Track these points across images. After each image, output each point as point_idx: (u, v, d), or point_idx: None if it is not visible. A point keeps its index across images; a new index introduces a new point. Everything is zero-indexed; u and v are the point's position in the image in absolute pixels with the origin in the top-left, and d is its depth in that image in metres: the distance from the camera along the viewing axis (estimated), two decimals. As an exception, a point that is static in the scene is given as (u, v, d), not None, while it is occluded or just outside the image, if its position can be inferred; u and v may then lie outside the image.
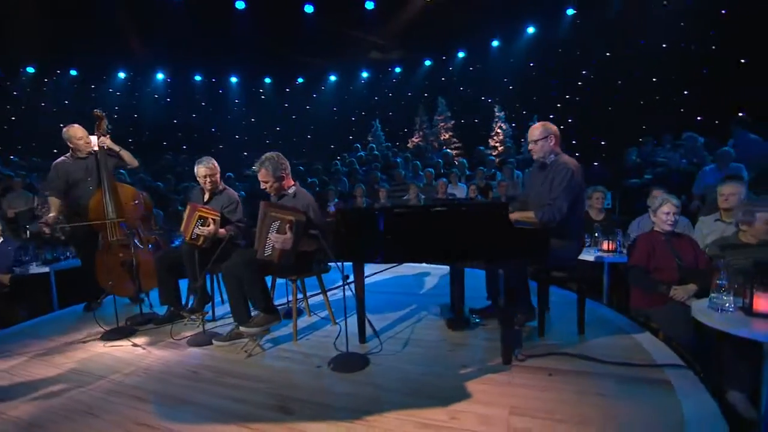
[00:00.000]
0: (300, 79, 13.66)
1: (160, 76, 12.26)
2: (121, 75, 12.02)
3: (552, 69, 10.83)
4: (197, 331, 3.01)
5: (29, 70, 11.02)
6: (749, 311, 2.09)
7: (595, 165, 7.38)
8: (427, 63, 13.54)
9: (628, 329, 2.76)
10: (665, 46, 8.43)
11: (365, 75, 14.07)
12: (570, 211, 2.55)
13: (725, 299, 2.16)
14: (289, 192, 2.87)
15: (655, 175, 5.58)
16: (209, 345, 2.81)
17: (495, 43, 12.14)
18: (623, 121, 9.05)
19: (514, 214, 2.59)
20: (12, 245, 4.01)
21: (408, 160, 9.15)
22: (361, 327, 2.70)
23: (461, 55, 12.96)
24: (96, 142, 3.68)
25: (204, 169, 3.25)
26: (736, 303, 2.14)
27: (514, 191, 6.18)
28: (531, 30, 11.21)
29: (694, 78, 8.05)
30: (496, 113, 10.49)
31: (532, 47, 11.26)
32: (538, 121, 9.30)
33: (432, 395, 2.03)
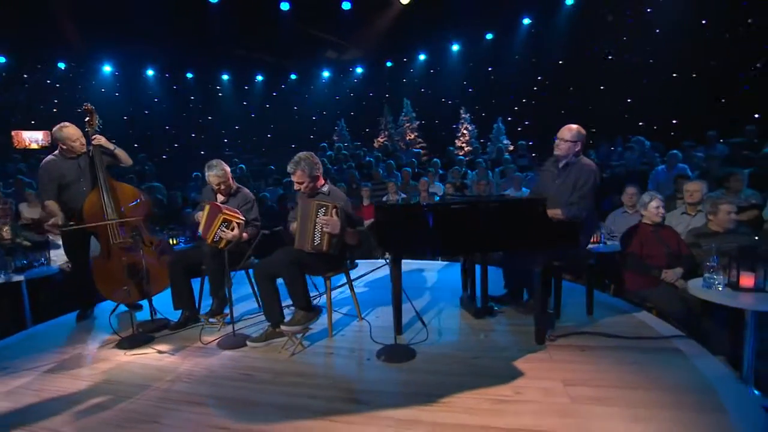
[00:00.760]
0: (259, 77, 13.31)
1: (107, 68, 11.36)
2: (61, 65, 11.00)
3: (509, 74, 11.53)
4: (224, 334, 2.96)
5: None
6: (736, 287, 2.51)
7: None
8: (389, 64, 13.81)
9: (627, 309, 3.14)
10: (611, 57, 9.35)
11: (326, 75, 14.04)
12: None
13: (716, 278, 2.57)
14: (324, 190, 2.92)
15: (614, 175, 6.23)
16: (243, 347, 2.78)
17: (455, 47, 12.67)
18: (575, 124, 9.88)
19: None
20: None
21: (380, 159, 9.32)
22: (398, 319, 2.83)
23: (422, 58, 13.37)
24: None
25: (215, 177, 3.19)
26: (723, 281, 2.56)
27: (490, 190, 6.58)
28: (489, 36, 11.84)
29: (634, 87, 9.01)
30: (462, 115, 10.96)
31: (490, 52, 11.90)
32: (501, 122, 9.81)
33: (490, 375, 2.23)
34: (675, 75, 8.37)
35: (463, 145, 10.31)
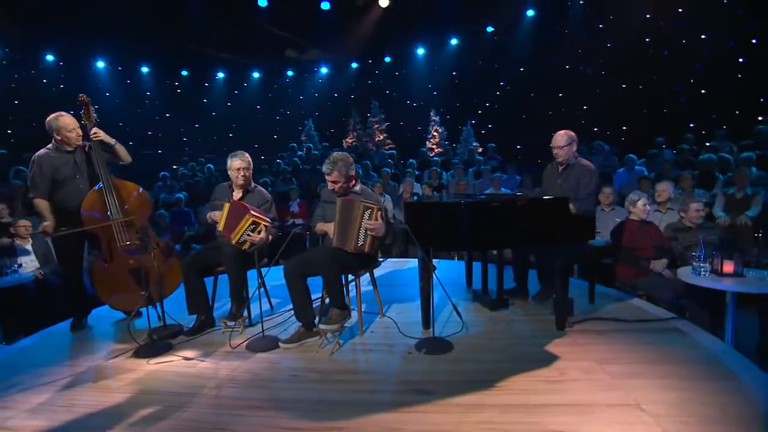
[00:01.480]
0: (220, 74, 12.82)
1: (49, 57, 10.38)
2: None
3: (473, 78, 12.06)
4: (249, 337, 2.92)
5: None
6: (719, 273, 2.93)
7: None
8: (354, 65, 13.87)
9: (621, 297, 3.50)
10: (567, 67, 10.11)
11: (290, 74, 13.82)
12: (591, 205, 3.17)
13: (702, 266, 2.97)
14: (356, 189, 2.98)
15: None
16: (275, 349, 2.77)
17: (420, 51, 13.01)
18: (536, 128, 10.57)
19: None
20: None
21: (354, 160, 9.36)
22: (426, 314, 2.97)
23: (387, 60, 13.59)
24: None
25: (239, 162, 3.14)
26: (708, 269, 2.96)
27: (469, 189, 6.90)
28: (454, 42, 12.30)
29: (589, 96, 9.82)
30: (432, 117, 11.28)
31: (454, 57, 12.37)
32: (470, 125, 10.24)
33: (529, 360, 2.42)
34: (624, 86, 9.24)
35: (434, 147, 10.64)
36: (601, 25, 9.48)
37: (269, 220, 3.04)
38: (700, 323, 3.07)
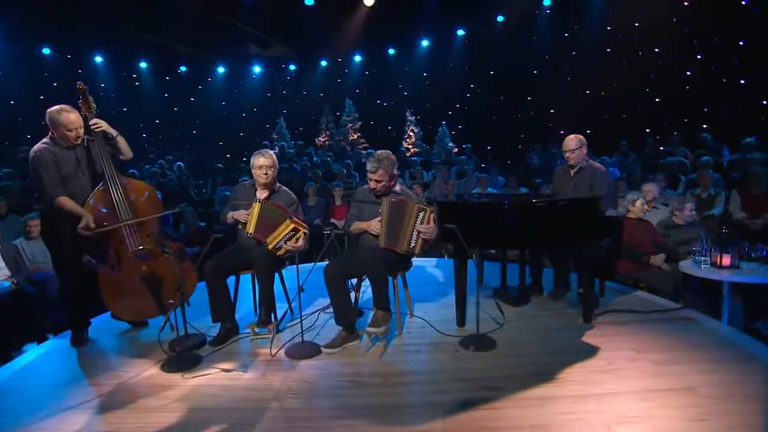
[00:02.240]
0: (183, 68, 12.12)
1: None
2: None
3: (443, 80, 12.32)
4: (286, 343, 2.83)
5: None
6: (717, 265, 3.26)
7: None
8: (323, 63, 13.68)
9: (624, 290, 3.77)
10: (536, 72, 10.64)
11: (257, 70, 13.38)
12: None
13: (702, 259, 3.30)
14: (397, 189, 2.97)
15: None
16: (318, 355, 2.71)
17: (391, 51, 13.09)
18: (505, 130, 11.05)
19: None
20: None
21: (332, 159, 9.27)
22: (461, 312, 3.05)
23: (357, 59, 13.53)
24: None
25: (263, 159, 3.04)
26: (708, 261, 3.29)
27: (456, 189, 7.08)
28: (425, 43, 12.50)
29: (555, 100, 10.41)
30: (408, 117, 11.39)
31: (425, 58, 12.57)
32: (445, 124, 10.47)
33: (572, 352, 2.57)
34: (587, 92, 9.89)
35: (410, 147, 10.77)
36: (567, 34, 10.07)
37: (307, 227, 2.96)
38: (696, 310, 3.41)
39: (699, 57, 8.67)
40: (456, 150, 9.89)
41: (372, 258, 2.69)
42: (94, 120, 2.95)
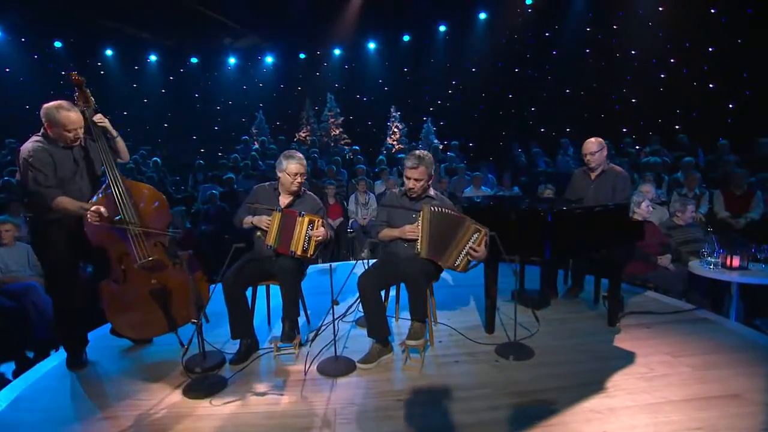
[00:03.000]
0: (152, 57, 11.40)
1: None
2: None
3: (425, 76, 12.28)
4: (314, 359, 2.68)
5: None
6: (726, 266, 3.39)
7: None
8: (302, 56, 13.30)
9: (634, 290, 3.86)
10: (517, 70, 10.79)
11: (232, 62, 12.81)
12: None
13: (712, 261, 3.42)
14: (431, 193, 2.86)
15: (547, 176, 7.33)
16: (354, 370, 2.58)
17: (371, 45, 12.89)
18: (486, 127, 11.17)
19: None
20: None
21: (319, 155, 9.02)
22: (491, 319, 3.01)
23: (337, 53, 13.24)
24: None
25: (297, 166, 2.82)
26: (718, 263, 3.41)
27: (449, 187, 7.07)
28: (406, 38, 12.39)
29: (536, 98, 10.61)
30: (392, 113, 11.25)
31: (406, 54, 12.47)
32: (430, 122, 10.46)
33: (609, 358, 2.60)
34: (567, 91, 10.14)
35: (395, 143, 10.66)
36: (548, 34, 10.26)
37: (320, 215, 2.79)
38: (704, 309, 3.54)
39: (672, 61, 9.06)
40: (441, 147, 9.88)
41: (413, 267, 2.57)
42: (97, 116, 2.66)
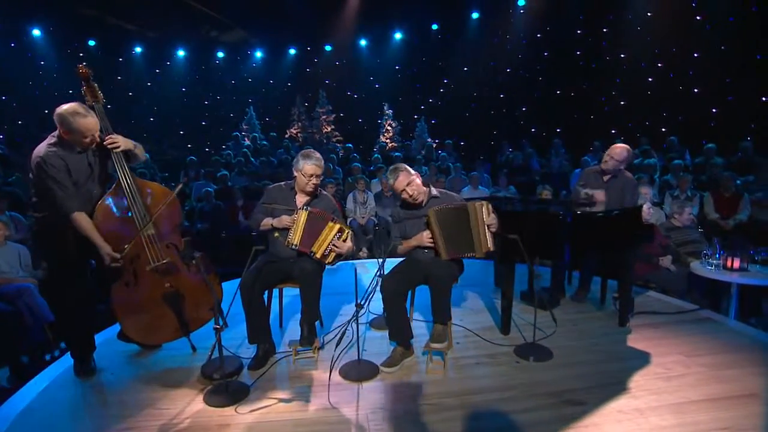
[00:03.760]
0: (138, 49, 11.03)
1: None
2: None
3: (416, 74, 12.28)
4: (335, 363, 2.64)
5: None
6: (725, 267, 3.51)
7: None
8: (292, 52, 13.11)
9: (637, 290, 3.95)
10: (509, 70, 10.90)
11: (220, 55, 12.53)
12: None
13: (712, 262, 3.54)
14: (435, 193, 2.86)
15: (542, 176, 7.45)
16: (377, 374, 2.57)
17: (363, 42, 12.80)
18: (478, 126, 11.26)
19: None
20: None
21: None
22: (507, 319, 3.04)
23: (328, 49, 13.10)
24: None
25: (314, 167, 2.78)
26: (720, 264, 3.53)
27: (446, 187, 7.10)
28: (398, 36, 12.35)
29: (528, 98, 10.75)
30: (385, 110, 11.21)
31: (398, 52, 12.44)
32: (423, 120, 10.48)
33: (624, 358, 2.67)
34: (558, 92, 10.31)
35: (387, 141, 10.62)
36: (539, 35, 10.39)
37: (349, 228, 2.77)
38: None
39: (660, 65, 9.31)
40: (434, 146, 9.91)
41: (438, 270, 2.57)
42: (109, 139, 2.50)
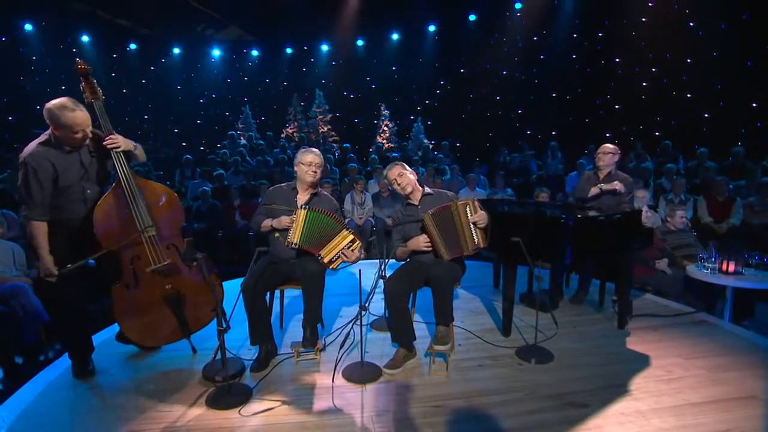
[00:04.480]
0: (132, 45, 10.91)
1: None
2: None
3: (413, 75, 12.30)
4: (344, 365, 2.64)
5: None
6: (720, 271, 3.57)
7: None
8: (288, 51, 13.05)
9: (635, 293, 4.00)
10: (505, 72, 10.96)
11: (216, 54, 12.44)
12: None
13: (708, 265, 3.59)
14: (429, 191, 2.90)
15: (538, 178, 7.50)
16: (381, 376, 2.57)
17: (360, 42, 12.78)
18: (475, 128, 11.31)
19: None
20: None
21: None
22: (508, 321, 3.06)
23: (325, 48, 13.06)
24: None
25: (312, 156, 2.82)
26: (715, 267, 3.59)
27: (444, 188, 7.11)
28: (395, 37, 12.35)
29: (524, 101, 10.82)
30: (382, 111, 11.20)
31: (395, 52, 12.44)
32: (420, 121, 10.51)
33: (625, 360, 2.70)
34: (554, 95, 10.39)
35: (384, 142, 10.62)
36: (536, 38, 10.47)
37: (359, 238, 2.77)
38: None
39: (654, 70, 9.42)
40: (431, 146, 9.94)
41: (441, 271, 2.58)
42: (109, 139, 2.46)
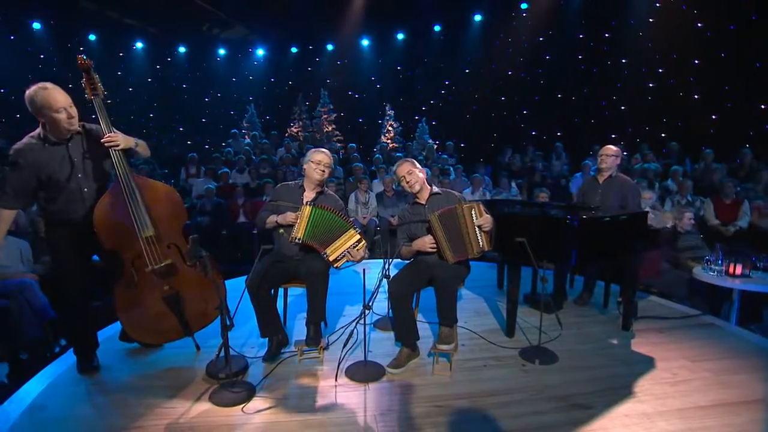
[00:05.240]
0: (139, 44, 10.96)
1: None
2: None
3: (418, 75, 12.27)
4: (340, 363, 2.63)
5: None
6: (727, 274, 3.54)
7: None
8: (294, 50, 13.07)
9: (640, 295, 3.97)
10: (510, 73, 10.91)
11: (222, 53, 12.47)
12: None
13: (715, 268, 3.56)
14: (436, 191, 2.90)
15: (541, 179, 7.47)
16: (384, 375, 2.57)
17: (365, 42, 12.78)
18: (479, 128, 11.27)
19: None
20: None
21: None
22: (512, 322, 3.05)
23: (330, 48, 13.07)
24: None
25: (322, 155, 2.86)
26: (722, 270, 3.56)
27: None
28: (400, 37, 12.33)
29: (528, 102, 10.77)
30: (387, 111, 11.18)
31: (400, 52, 12.42)
32: (424, 121, 10.50)
33: (630, 362, 2.68)
34: (559, 96, 10.34)
35: (388, 142, 10.61)
36: (541, 38, 10.41)
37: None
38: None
39: (660, 70, 9.35)
40: (435, 147, 9.91)
41: (445, 272, 2.58)
42: (107, 137, 2.43)
